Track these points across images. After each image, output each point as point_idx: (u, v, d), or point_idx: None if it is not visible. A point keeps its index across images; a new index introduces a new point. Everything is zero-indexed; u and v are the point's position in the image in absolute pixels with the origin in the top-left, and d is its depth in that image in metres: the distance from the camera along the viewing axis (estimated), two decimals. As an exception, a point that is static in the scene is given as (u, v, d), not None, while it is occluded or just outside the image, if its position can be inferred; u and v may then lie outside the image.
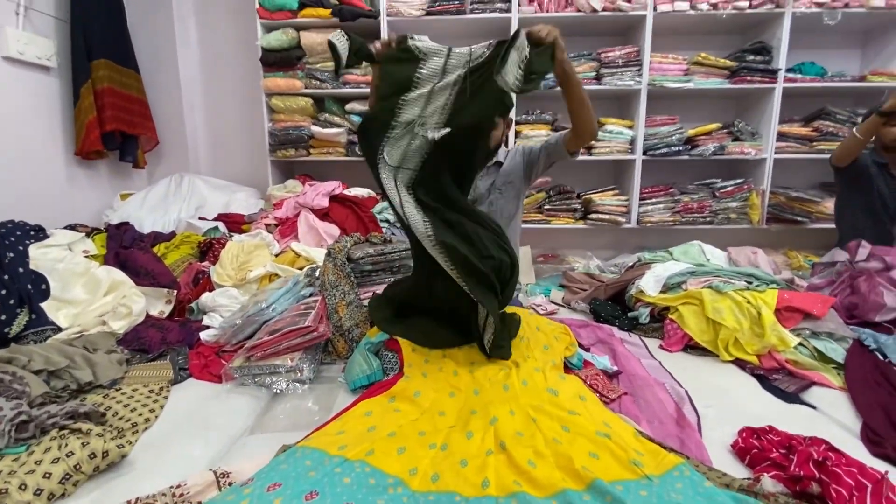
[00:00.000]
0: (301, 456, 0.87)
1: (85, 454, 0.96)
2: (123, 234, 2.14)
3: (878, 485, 0.81)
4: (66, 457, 0.94)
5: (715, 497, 0.73)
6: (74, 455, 0.95)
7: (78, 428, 1.03)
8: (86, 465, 0.95)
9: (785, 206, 2.71)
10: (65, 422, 1.04)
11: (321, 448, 0.89)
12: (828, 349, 1.47)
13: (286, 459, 0.87)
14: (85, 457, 0.95)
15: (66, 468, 0.93)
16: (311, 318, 1.44)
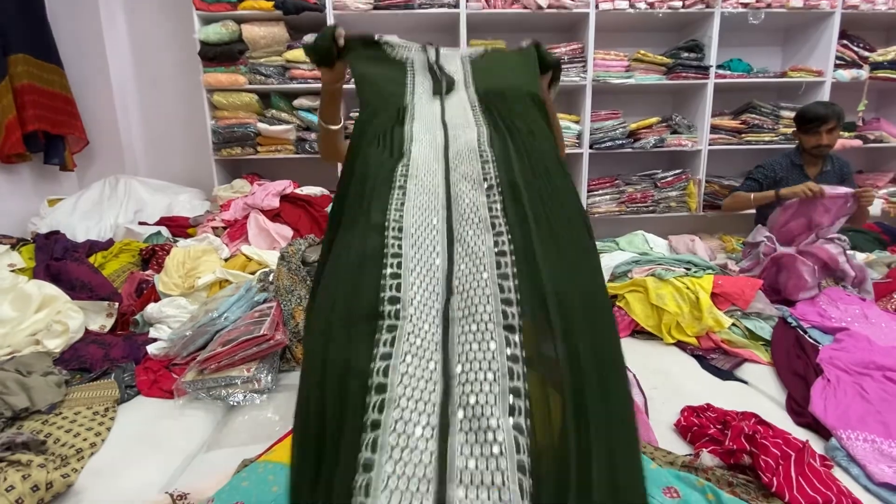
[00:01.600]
0: (263, 471, 0.86)
1: (27, 487, 0.90)
2: (54, 244, 1.99)
3: (801, 453, 0.91)
4: (6, 491, 0.88)
5: (660, 477, 0.80)
6: (15, 489, 0.89)
7: (17, 459, 0.96)
8: (28, 498, 0.89)
9: (719, 194, 2.91)
10: (1, 454, 0.97)
11: (284, 462, 0.88)
12: (757, 328, 1.61)
13: (248, 476, 0.85)
14: (27, 490, 0.90)
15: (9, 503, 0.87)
16: (266, 326, 1.41)
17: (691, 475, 0.84)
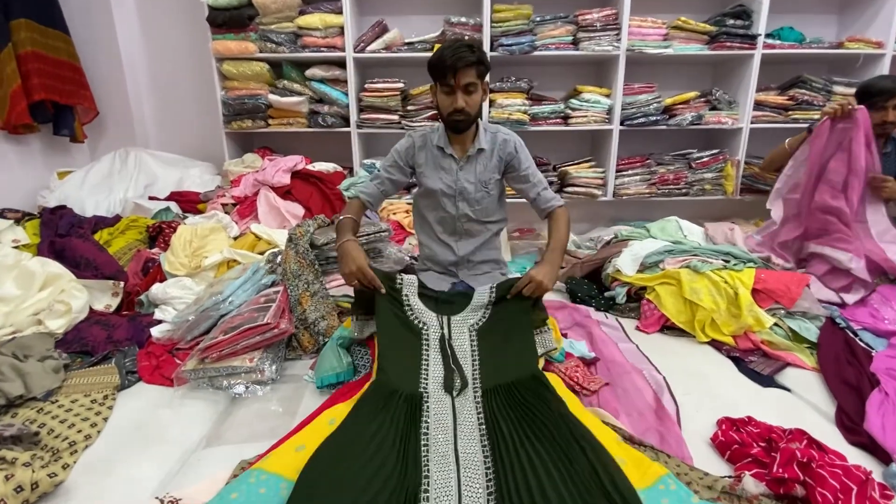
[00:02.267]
0: (255, 482, 0.79)
1: (10, 488, 0.85)
2: (59, 219, 1.94)
3: (863, 486, 0.79)
4: (-13, 493, 0.83)
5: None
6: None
7: (2, 457, 0.91)
8: (12, 499, 0.84)
9: (758, 177, 2.69)
10: (-14, 449, 0.92)
11: (278, 472, 0.80)
12: (801, 328, 1.47)
13: (238, 486, 0.78)
14: (10, 491, 0.84)
15: (-13, 505, 0.82)
16: (270, 314, 1.33)
17: (738, 512, 0.73)
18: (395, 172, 1.48)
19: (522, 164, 1.45)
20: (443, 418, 0.98)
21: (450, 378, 1.08)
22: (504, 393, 1.03)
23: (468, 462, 0.87)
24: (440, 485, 0.82)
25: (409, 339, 1.20)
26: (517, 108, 2.52)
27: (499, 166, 1.46)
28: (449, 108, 1.33)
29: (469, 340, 1.19)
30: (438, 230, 1.50)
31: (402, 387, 1.04)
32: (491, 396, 1.04)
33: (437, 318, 1.24)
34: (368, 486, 0.77)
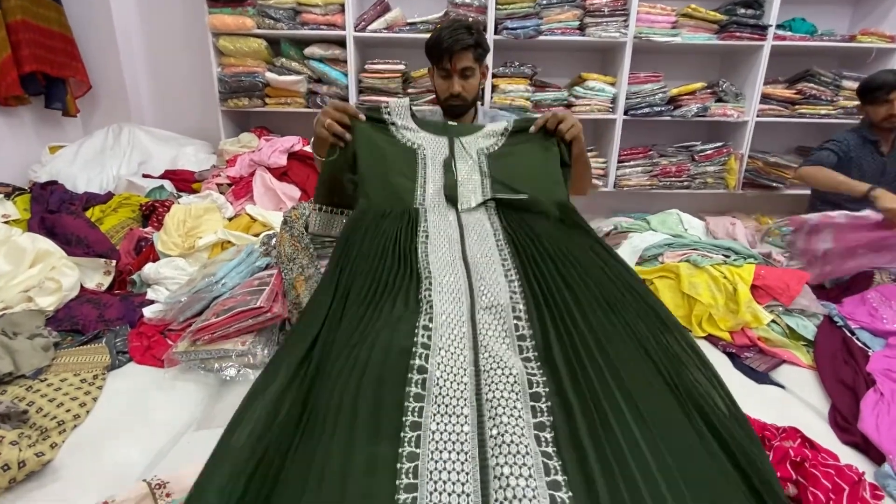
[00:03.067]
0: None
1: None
2: (50, 195, 1.90)
3: (855, 487, 0.79)
4: (-29, 471, 0.82)
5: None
6: (-19, 469, 0.83)
7: (-13, 435, 0.90)
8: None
9: (761, 172, 2.67)
10: (-29, 427, 0.91)
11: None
12: (799, 326, 1.46)
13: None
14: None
15: (-28, 484, 0.81)
16: (263, 298, 1.31)
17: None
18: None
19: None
20: (445, 229, 0.77)
21: (453, 187, 0.86)
22: (524, 210, 0.81)
23: (480, 266, 0.67)
24: (445, 288, 0.61)
25: (399, 158, 0.94)
26: (520, 95, 2.48)
27: None
28: (445, 93, 1.29)
29: (478, 163, 0.93)
30: None
31: (391, 206, 0.83)
32: (507, 210, 0.81)
33: (437, 139, 0.98)
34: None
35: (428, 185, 0.87)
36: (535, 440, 0.45)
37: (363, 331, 0.59)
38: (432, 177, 0.89)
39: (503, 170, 0.92)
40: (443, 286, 0.62)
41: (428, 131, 0.99)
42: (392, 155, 0.93)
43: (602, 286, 0.66)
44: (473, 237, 0.76)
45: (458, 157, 0.94)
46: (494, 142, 0.99)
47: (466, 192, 0.87)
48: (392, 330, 0.57)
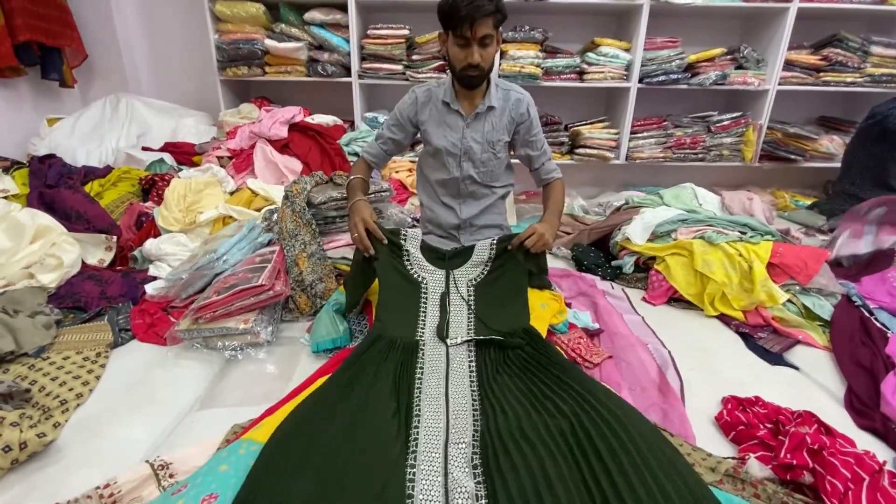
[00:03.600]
0: (245, 454, 0.76)
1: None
2: (48, 169, 1.86)
3: (876, 477, 0.76)
4: (-27, 452, 0.82)
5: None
6: (-17, 449, 0.82)
7: (-11, 415, 0.89)
8: (0, 459, 0.83)
9: (780, 143, 2.56)
10: (-27, 407, 0.90)
11: (269, 443, 0.78)
12: (816, 305, 1.41)
13: (228, 457, 0.76)
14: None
15: (-25, 465, 0.81)
16: (265, 275, 1.29)
17: (745, 502, 0.70)
18: (397, 132, 1.40)
19: (533, 128, 1.38)
20: (436, 365, 1.01)
21: (443, 327, 1.12)
22: (496, 343, 1.06)
23: (457, 405, 0.91)
24: (430, 423, 0.86)
25: (407, 290, 1.21)
26: (530, 61, 2.37)
27: (509, 127, 1.36)
28: (463, 63, 1.21)
29: (467, 295, 1.20)
30: (441, 192, 1.42)
31: (399, 335, 1.08)
32: (483, 345, 1.07)
33: (437, 273, 1.26)
34: (371, 428, 0.81)
35: (427, 320, 1.13)
36: None
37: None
38: (431, 312, 1.15)
39: (485, 301, 1.18)
40: (428, 423, 0.86)
41: (432, 264, 1.26)
42: (403, 288, 1.20)
43: (555, 417, 0.83)
44: (455, 377, 0.98)
45: (451, 292, 1.20)
46: (481, 270, 1.25)
47: (455, 330, 1.12)
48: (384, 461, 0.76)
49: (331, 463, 0.72)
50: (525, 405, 0.86)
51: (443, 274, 1.24)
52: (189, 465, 0.86)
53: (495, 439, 0.79)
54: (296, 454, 0.73)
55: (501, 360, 1.02)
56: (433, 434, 0.83)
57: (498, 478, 0.72)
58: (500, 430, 0.80)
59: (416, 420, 0.86)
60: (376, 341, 1.05)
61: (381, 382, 0.92)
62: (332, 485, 0.69)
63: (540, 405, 0.86)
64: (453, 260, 1.28)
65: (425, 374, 0.98)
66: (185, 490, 0.69)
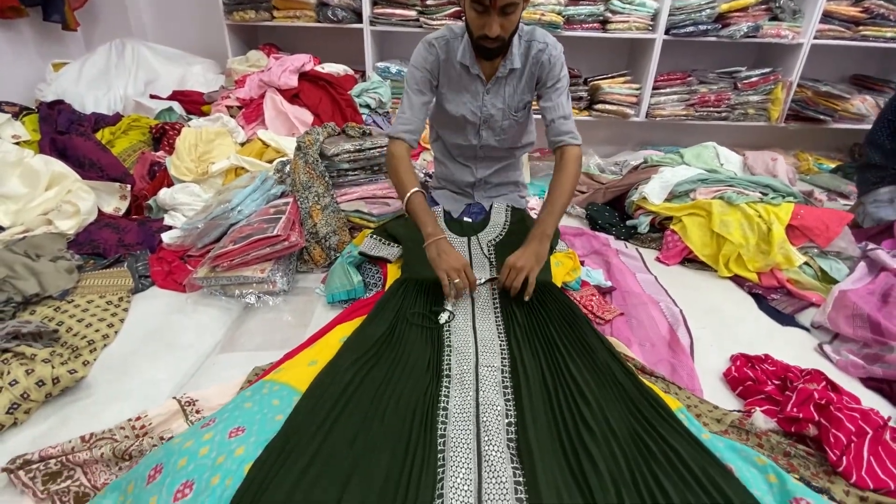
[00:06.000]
0: (269, 393, 0.79)
1: (32, 382, 0.87)
2: (58, 115, 1.84)
3: (880, 431, 0.78)
4: (10, 385, 0.86)
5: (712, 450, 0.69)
6: (19, 384, 0.86)
7: (21, 352, 0.93)
8: (35, 392, 0.87)
9: (809, 102, 2.45)
10: (6, 344, 0.94)
11: (291, 384, 0.81)
12: (833, 269, 1.40)
13: (252, 396, 0.79)
14: (32, 385, 0.87)
15: (13, 397, 0.85)
16: (280, 226, 1.29)
17: (750, 449, 0.72)
18: (426, 91, 1.22)
19: (552, 77, 1.20)
20: (463, 302, 1.06)
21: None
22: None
23: (484, 336, 0.95)
24: (461, 351, 0.91)
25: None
26: (551, 8, 2.25)
27: (530, 85, 1.23)
28: (480, 31, 1.06)
29: (487, 252, 1.21)
30: (456, 153, 1.38)
31: (425, 278, 1.10)
32: (504, 291, 1.08)
33: (460, 239, 1.27)
34: (407, 360, 0.87)
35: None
36: (506, 436, 0.73)
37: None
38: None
39: (504, 256, 1.13)
40: (459, 351, 0.91)
41: (454, 232, 1.28)
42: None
43: (569, 342, 0.93)
44: (481, 313, 1.03)
45: (474, 251, 1.22)
46: (499, 232, 1.28)
47: (477, 272, 1.13)
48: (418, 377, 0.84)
49: (372, 401, 0.77)
50: (556, 339, 0.92)
51: (465, 240, 1.26)
52: (213, 402, 0.90)
53: (519, 366, 0.85)
54: (335, 394, 0.76)
55: (522, 300, 1.06)
56: (464, 360, 0.88)
57: (526, 398, 0.77)
58: (525, 360, 0.86)
59: (448, 349, 0.91)
60: (404, 283, 1.10)
61: (410, 318, 0.98)
62: (377, 419, 0.73)
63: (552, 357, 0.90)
64: (474, 226, 1.31)
65: (453, 309, 1.03)
66: (214, 424, 0.72)
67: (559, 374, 0.84)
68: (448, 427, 0.74)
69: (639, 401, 0.78)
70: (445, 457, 0.68)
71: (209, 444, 0.68)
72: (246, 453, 0.67)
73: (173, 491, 0.63)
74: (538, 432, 0.72)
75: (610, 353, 0.89)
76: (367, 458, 0.66)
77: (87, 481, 0.75)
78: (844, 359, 1.09)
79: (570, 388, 0.79)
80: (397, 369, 0.85)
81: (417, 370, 0.85)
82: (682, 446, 0.68)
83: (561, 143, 1.19)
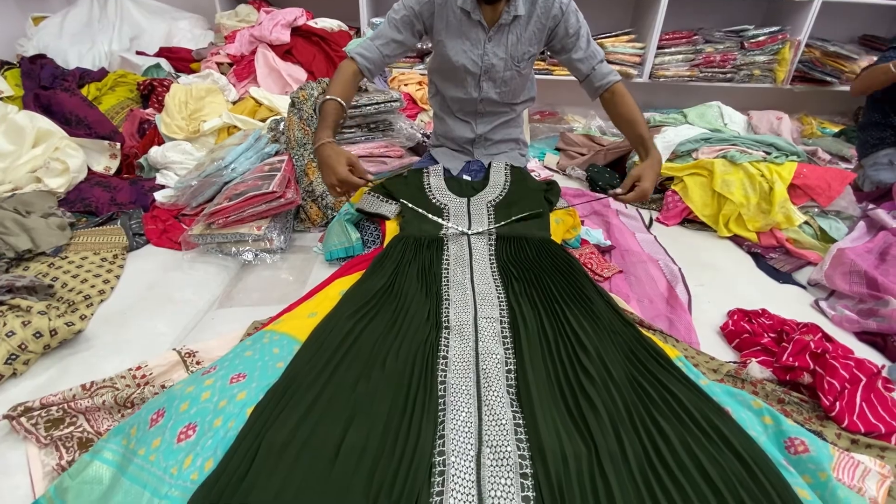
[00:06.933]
0: (269, 342, 0.79)
1: (29, 333, 0.86)
2: (40, 69, 1.77)
3: (873, 379, 0.79)
4: (7, 336, 0.85)
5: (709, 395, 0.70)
6: (16, 335, 0.85)
7: (17, 305, 0.92)
8: (32, 344, 0.87)
9: (816, 63, 2.39)
10: (1, 297, 0.93)
11: (291, 334, 0.81)
12: (832, 228, 1.40)
13: (253, 345, 0.79)
14: (30, 336, 0.87)
15: (10, 348, 0.85)
16: (275, 182, 1.27)
17: (746, 393, 0.74)
18: (403, 30, 1.17)
19: (571, 27, 1.15)
20: (461, 255, 1.05)
21: (466, 224, 1.14)
22: (515, 242, 1.08)
23: (482, 289, 0.94)
24: (459, 302, 0.90)
25: (430, 208, 1.20)
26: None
27: (538, 36, 1.18)
28: None
29: (486, 214, 1.18)
30: (456, 108, 1.34)
31: (423, 234, 1.10)
32: (503, 241, 1.09)
33: (459, 199, 1.24)
34: (406, 312, 0.86)
35: (451, 223, 1.14)
36: (505, 382, 0.74)
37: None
38: (454, 221, 1.15)
39: (504, 217, 1.15)
40: (457, 304, 0.90)
41: (453, 192, 1.24)
42: (426, 208, 1.18)
43: (566, 290, 0.93)
44: (478, 266, 1.02)
45: (473, 211, 1.19)
46: (499, 192, 1.24)
47: (476, 224, 1.14)
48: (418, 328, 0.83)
49: (373, 350, 0.76)
50: (542, 302, 0.91)
51: (464, 201, 1.23)
52: (213, 354, 0.90)
53: (518, 317, 0.85)
54: (336, 342, 0.76)
55: (519, 252, 1.06)
56: (463, 312, 0.88)
57: (525, 347, 0.78)
58: (524, 311, 0.86)
59: (446, 303, 0.90)
60: (402, 240, 1.08)
61: (410, 272, 0.96)
62: (378, 367, 0.73)
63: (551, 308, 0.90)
64: (473, 187, 1.29)
65: (451, 264, 1.02)
66: (215, 371, 0.72)
67: (558, 323, 0.84)
68: (448, 374, 0.74)
69: (637, 349, 0.78)
70: (446, 401, 0.69)
71: (210, 390, 0.69)
72: (248, 397, 0.67)
73: (176, 433, 0.63)
74: (537, 378, 0.72)
75: (608, 305, 0.89)
76: (368, 401, 0.67)
77: (91, 427, 0.75)
78: (840, 314, 1.10)
79: (569, 337, 0.80)
80: (398, 320, 0.84)
81: (417, 321, 0.85)
82: (681, 390, 0.68)
83: (609, 84, 1.21)
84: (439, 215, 1.17)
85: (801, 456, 0.61)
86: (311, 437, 0.60)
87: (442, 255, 1.05)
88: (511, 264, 1.02)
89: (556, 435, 0.63)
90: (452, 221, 1.15)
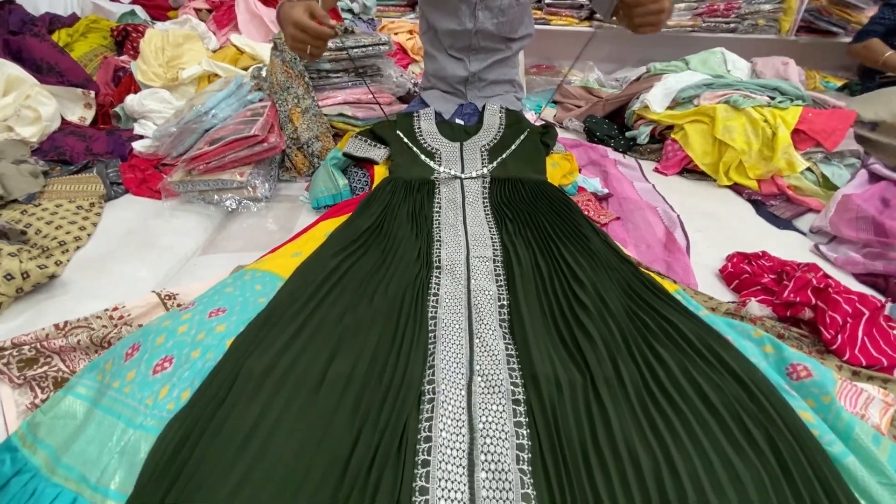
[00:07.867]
0: (251, 279, 0.76)
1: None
2: (8, 14, 1.66)
3: (876, 312, 0.77)
4: (-25, 278, 0.81)
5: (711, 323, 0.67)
6: (-15, 276, 0.81)
7: (-15, 247, 0.87)
8: (4, 286, 0.83)
9: (823, 12, 2.30)
10: (-32, 240, 0.88)
11: (274, 271, 0.77)
12: (835, 175, 1.36)
13: (234, 282, 0.75)
14: (1, 278, 0.82)
15: (-20, 290, 0.81)
16: (258, 127, 1.20)
17: (746, 324, 0.71)
18: None
19: None
20: (453, 197, 1.03)
21: (459, 167, 1.12)
22: (510, 184, 1.06)
23: (474, 230, 0.92)
24: (450, 242, 0.88)
25: (422, 151, 1.17)
26: None
27: None
28: None
29: (480, 158, 1.14)
30: (448, 43, 1.27)
31: (413, 177, 1.08)
32: (497, 184, 1.07)
33: (452, 144, 1.20)
34: (396, 253, 0.83)
35: (443, 167, 1.12)
36: (498, 316, 0.71)
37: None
38: (446, 164, 1.12)
39: (497, 157, 1.14)
40: (449, 244, 0.88)
41: (445, 137, 1.21)
42: (416, 149, 1.16)
43: (561, 229, 0.90)
44: (471, 209, 0.99)
45: (466, 156, 1.16)
46: (493, 136, 1.21)
47: (469, 168, 1.12)
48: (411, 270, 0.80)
49: (360, 286, 0.74)
50: (536, 241, 0.88)
51: (457, 146, 1.20)
52: (194, 296, 0.86)
53: (512, 255, 0.83)
54: (321, 277, 0.73)
55: (513, 193, 1.03)
56: (455, 251, 0.86)
57: (519, 283, 0.75)
58: (518, 250, 0.84)
59: (438, 244, 0.88)
60: (391, 182, 1.05)
61: (399, 213, 0.94)
62: (365, 302, 0.71)
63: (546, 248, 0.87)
64: (466, 131, 1.24)
65: (443, 207, 1.00)
66: (193, 307, 0.69)
67: (553, 260, 0.81)
68: (439, 310, 0.71)
69: (634, 283, 0.75)
70: (437, 335, 0.66)
71: (188, 323, 0.65)
72: (227, 330, 0.64)
73: (152, 365, 0.60)
74: (531, 311, 0.70)
75: (605, 243, 0.86)
76: (355, 333, 0.64)
77: (66, 367, 0.72)
78: (843, 255, 1.07)
79: (564, 273, 0.77)
80: (386, 259, 0.81)
81: (407, 260, 0.81)
82: (679, 319, 0.66)
83: None
84: (431, 159, 1.14)
85: (803, 381, 0.59)
86: (294, 365, 0.57)
87: (433, 197, 1.02)
88: (505, 205, 0.99)
89: (549, 363, 0.60)
90: (444, 167, 1.11)
